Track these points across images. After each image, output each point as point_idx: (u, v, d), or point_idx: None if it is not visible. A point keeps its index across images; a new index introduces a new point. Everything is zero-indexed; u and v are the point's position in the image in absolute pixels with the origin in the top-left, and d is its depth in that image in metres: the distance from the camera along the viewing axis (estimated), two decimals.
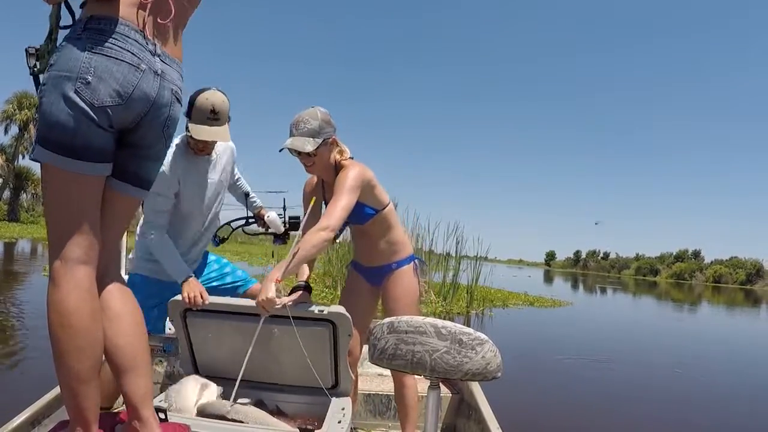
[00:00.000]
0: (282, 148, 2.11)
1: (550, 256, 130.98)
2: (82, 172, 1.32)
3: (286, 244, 2.99)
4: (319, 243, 1.96)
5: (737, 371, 7.35)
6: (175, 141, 2.40)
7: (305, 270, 2.15)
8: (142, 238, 2.40)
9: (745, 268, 73.99)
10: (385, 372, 3.13)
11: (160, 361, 2.86)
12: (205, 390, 1.97)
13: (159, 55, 1.39)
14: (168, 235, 2.36)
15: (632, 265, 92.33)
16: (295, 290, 2.03)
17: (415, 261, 2.38)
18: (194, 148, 2.39)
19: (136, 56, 1.32)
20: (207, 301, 2.06)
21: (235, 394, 1.90)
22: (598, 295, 25.39)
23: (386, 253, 2.31)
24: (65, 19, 1.38)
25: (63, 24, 1.38)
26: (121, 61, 1.30)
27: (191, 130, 2.27)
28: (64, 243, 1.34)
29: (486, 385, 2.39)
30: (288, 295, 2.00)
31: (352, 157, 2.21)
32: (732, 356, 8.86)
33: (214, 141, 2.36)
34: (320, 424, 1.81)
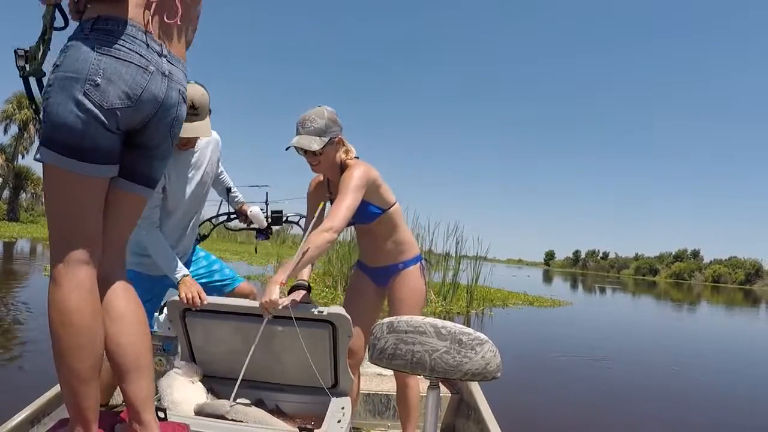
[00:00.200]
0: (288, 147, 2.09)
1: (550, 256, 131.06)
2: (88, 174, 1.32)
3: (268, 239, 2.97)
4: (323, 244, 1.95)
5: (736, 370, 7.35)
6: None
7: (306, 269, 2.14)
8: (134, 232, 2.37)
9: (744, 268, 74.13)
10: (385, 372, 3.13)
11: (160, 360, 2.85)
12: (194, 380, 2.01)
13: (165, 56, 1.39)
14: None
15: (631, 265, 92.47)
16: (294, 289, 2.02)
17: (422, 261, 2.35)
18: (176, 143, 2.35)
19: (144, 58, 1.32)
20: (206, 301, 2.06)
21: (235, 394, 1.89)
22: (598, 295, 25.37)
23: (392, 253, 2.29)
24: (59, 21, 1.37)
25: (56, 25, 1.37)
26: (130, 62, 1.29)
27: None
28: (67, 243, 1.34)
29: (485, 385, 2.39)
30: (287, 294, 2.00)
31: (357, 157, 2.20)
32: (731, 356, 8.87)
33: (195, 138, 2.31)
34: (320, 424, 1.81)
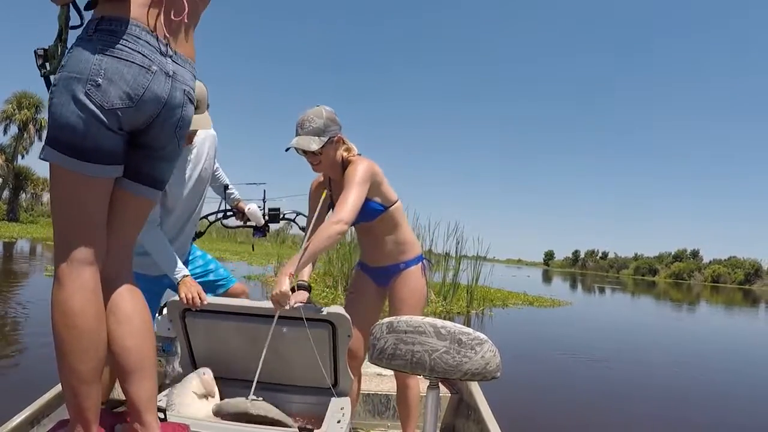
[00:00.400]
0: (288, 148, 2.09)
1: (549, 256, 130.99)
2: (91, 174, 1.31)
3: (266, 236, 2.97)
4: (333, 235, 1.94)
5: (735, 370, 7.35)
6: None
7: (306, 269, 2.14)
8: None
9: (743, 268, 74.12)
10: (385, 372, 3.13)
11: (159, 361, 2.85)
12: (207, 388, 1.98)
13: (171, 56, 1.38)
14: None
15: (631, 265, 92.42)
16: (294, 290, 2.02)
17: (424, 261, 2.34)
18: (183, 144, 2.34)
19: (147, 58, 1.31)
20: (206, 302, 2.06)
21: (253, 392, 1.90)
22: (597, 295, 25.38)
23: (394, 253, 2.28)
24: (74, 20, 1.37)
25: (72, 24, 1.37)
26: (132, 62, 1.29)
27: None
28: (71, 244, 1.34)
29: (485, 385, 2.39)
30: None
31: (359, 154, 2.20)
32: (730, 355, 8.88)
33: (195, 130, 2.30)
34: (319, 424, 1.81)
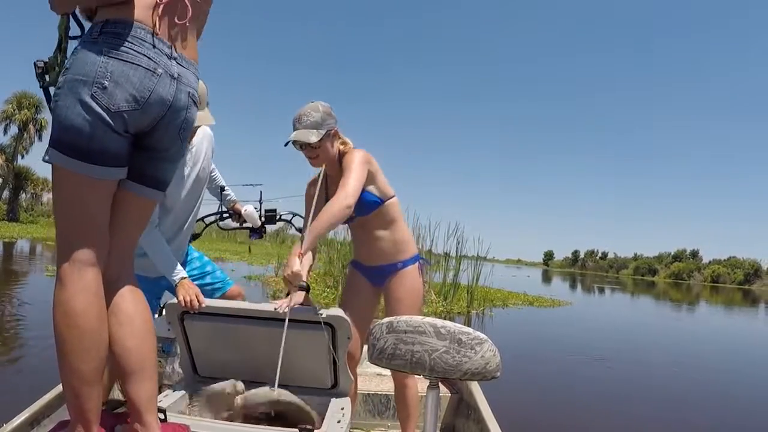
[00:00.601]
0: (287, 142, 2.10)
1: (549, 256, 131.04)
2: (96, 176, 1.32)
3: (262, 238, 2.96)
4: (339, 211, 1.92)
5: (735, 370, 7.35)
6: None
7: (305, 270, 2.13)
8: None
9: (743, 268, 74.19)
10: (385, 372, 3.13)
11: (159, 362, 2.85)
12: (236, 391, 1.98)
13: (175, 58, 1.38)
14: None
15: (630, 265, 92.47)
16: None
17: (420, 261, 2.32)
18: (187, 146, 2.34)
19: (153, 60, 1.31)
20: (204, 304, 2.06)
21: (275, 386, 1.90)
22: (597, 295, 25.38)
23: (390, 252, 2.26)
24: (73, 30, 1.38)
25: (72, 34, 1.38)
26: (138, 65, 1.29)
27: None
28: (74, 245, 1.34)
29: (485, 385, 2.39)
30: (286, 295, 1.99)
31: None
32: (730, 356, 8.88)
33: (197, 127, 2.29)
34: (320, 424, 1.81)
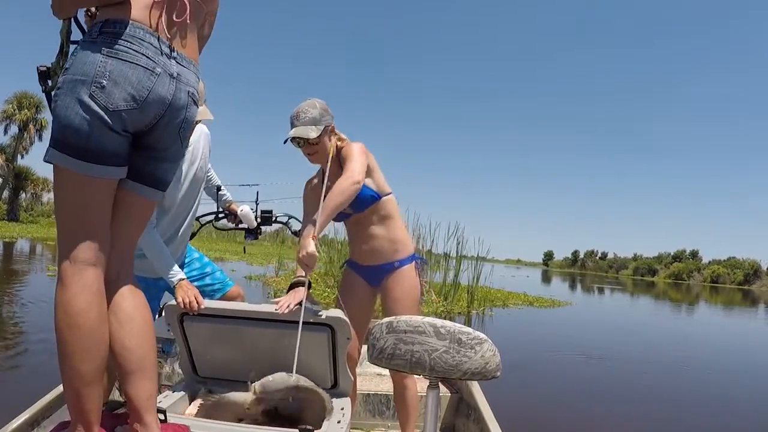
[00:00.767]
0: (287, 139, 2.11)
1: (548, 256, 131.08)
2: (95, 176, 1.32)
3: (257, 239, 2.96)
4: (348, 187, 1.94)
5: (735, 371, 7.36)
6: None
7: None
8: None
9: (742, 268, 74.23)
10: (384, 372, 3.13)
11: (159, 362, 2.85)
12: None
13: (175, 57, 1.38)
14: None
15: (630, 265, 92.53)
16: (294, 286, 2.00)
17: (417, 260, 2.30)
18: (186, 145, 2.32)
19: (152, 60, 1.32)
20: (203, 306, 2.06)
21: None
22: (597, 296, 25.37)
23: (386, 252, 2.25)
24: (75, 34, 1.38)
25: (73, 39, 1.38)
26: (136, 64, 1.29)
27: None
28: (74, 244, 1.34)
29: (485, 385, 2.39)
30: (287, 291, 1.99)
31: None
32: (730, 356, 8.88)
33: (195, 122, 2.29)
34: (320, 424, 1.81)
